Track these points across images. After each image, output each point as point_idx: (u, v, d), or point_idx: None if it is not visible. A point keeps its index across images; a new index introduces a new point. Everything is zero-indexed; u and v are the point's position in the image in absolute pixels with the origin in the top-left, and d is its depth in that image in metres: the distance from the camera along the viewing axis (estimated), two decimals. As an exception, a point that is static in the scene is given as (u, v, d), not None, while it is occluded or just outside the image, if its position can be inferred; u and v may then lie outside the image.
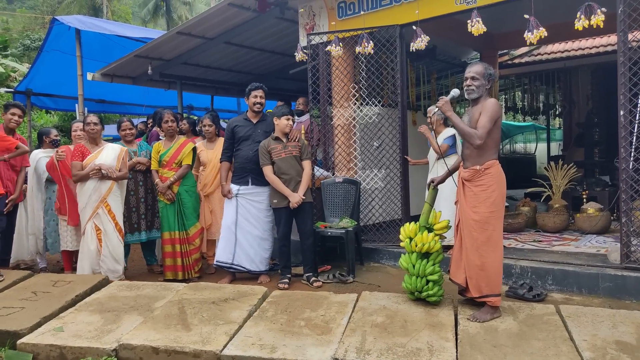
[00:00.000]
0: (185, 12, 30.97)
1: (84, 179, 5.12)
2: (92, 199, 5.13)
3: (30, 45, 21.17)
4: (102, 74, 8.70)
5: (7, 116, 5.63)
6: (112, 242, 5.15)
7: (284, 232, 5.11)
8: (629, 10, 4.23)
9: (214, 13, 6.89)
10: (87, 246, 5.13)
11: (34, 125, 13.95)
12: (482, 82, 3.74)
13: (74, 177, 5.18)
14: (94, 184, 5.14)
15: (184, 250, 5.40)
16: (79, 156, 5.19)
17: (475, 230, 3.74)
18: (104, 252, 5.12)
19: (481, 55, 9.08)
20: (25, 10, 32.32)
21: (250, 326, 3.67)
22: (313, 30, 6.41)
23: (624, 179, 4.30)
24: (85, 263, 5.14)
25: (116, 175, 5.18)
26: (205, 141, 5.99)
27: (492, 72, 3.78)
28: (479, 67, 3.78)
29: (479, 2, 5.05)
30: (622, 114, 4.28)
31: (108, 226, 5.15)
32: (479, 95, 3.77)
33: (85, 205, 5.13)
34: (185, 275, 5.40)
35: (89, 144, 5.32)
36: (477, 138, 3.63)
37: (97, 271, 5.11)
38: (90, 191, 5.13)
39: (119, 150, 5.32)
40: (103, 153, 5.24)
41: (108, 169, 5.13)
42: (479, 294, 3.76)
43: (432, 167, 5.62)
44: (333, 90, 6.27)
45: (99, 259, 5.12)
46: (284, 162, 5.03)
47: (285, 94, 9.82)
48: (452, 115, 3.74)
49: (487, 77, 3.75)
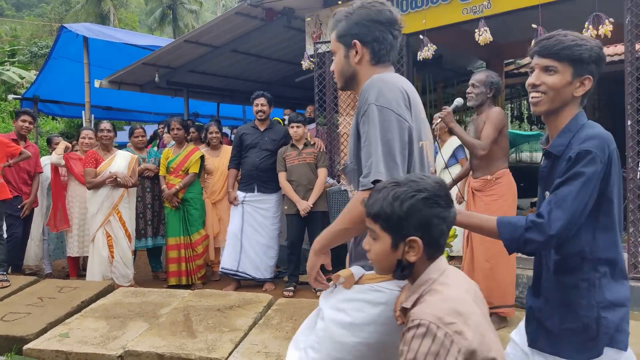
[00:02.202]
0: (192, 21, 31.19)
1: (99, 186, 5.13)
2: (104, 205, 5.15)
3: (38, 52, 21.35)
4: (109, 81, 8.74)
5: (18, 123, 5.71)
6: (122, 248, 5.17)
7: (293, 240, 5.10)
8: (637, 21, 4.23)
9: (221, 22, 6.92)
10: (98, 253, 5.14)
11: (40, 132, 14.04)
12: (482, 89, 3.73)
13: (88, 184, 5.19)
14: (107, 191, 5.15)
15: (187, 255, 5.41)
16: (93, 163, 5.22)
17: (487, 240, 3.72)
18: (115, 259, 5.14)
19: (487, 64, 9.09)
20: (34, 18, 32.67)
21: (256, 334, 3.66)
22: (320, 38, 6.43)
23: (631, 189, 4.28)
24: (96, 269, 5.14)
25: (131, 183, 5.23)
26: (208, 149, 5.98)
27: (495, 81, 3.76)
28: (480, 75, 3.78)
29: (486, 11, 5.06)
30: (629, 124, 4.26)
31: (119, 232, 5.17)
32: (478, 102, 3.76)
33: (97, 212, 5.14)
34: (188, 280, 5.40)
35: (101, 150, 5.36)
36: (480, 149, 3.62)
37: (108, 277, 5.12)
38: (102, 198, 5.14)
39: (129, 158, 5.35)
40: (116, 160, 5.27)
41: (123, 177, 5.15)
42: (490, 305, 3.73)
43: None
44: (339, 98, 6.28)
45: (110, 265, 5.13)
46: (296, 168, 5.04)
47: (291, 102, 9.85)
48: (455, 126, 3.73)
49: (489, 85, 3.73)
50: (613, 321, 1.60)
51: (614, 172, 1.60)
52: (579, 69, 1.64)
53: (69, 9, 29.47)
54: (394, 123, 1.62)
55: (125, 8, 30.92)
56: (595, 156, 1.55)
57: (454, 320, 1.22)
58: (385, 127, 1.61)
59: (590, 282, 1.61)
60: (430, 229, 1.35)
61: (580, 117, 1.69)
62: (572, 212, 1.53)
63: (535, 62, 1.70)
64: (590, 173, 1.54)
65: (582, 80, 1.65)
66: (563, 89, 1.65)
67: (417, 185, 1.36)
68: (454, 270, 1.46)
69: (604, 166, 1.57)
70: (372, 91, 1.66)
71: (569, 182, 1.56)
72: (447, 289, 1.34)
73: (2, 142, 5.31)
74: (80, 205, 5.63)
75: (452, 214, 1.40)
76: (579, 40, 1.65)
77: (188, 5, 32.14)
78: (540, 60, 1.68)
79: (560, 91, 1.65)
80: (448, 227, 1.39)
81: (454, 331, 1.20)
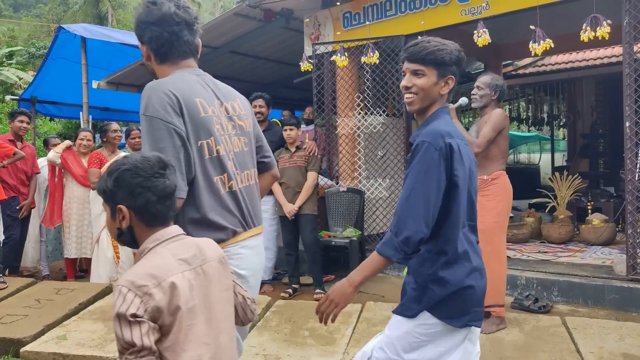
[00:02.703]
0: (190, 21, 31.11)
1: None
2: None
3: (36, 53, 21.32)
4: (107, 82, 8.72)
5: (16, 124, 5.71)
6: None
7: (287, 241, 5.12)
8: (635, 22, 4.23)
9: (219, 23, 6.92)
10: (103, 254, 5.12)
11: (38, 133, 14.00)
12: (486, 91, 3.76)
13: (92, 185, 5.18)
14: None
15: None
16: (97, 163, 5.22)
17: (481, 240, 3.70)
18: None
19: (485, 66, 9.10)
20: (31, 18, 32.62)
21: (254, 336, 3.65)
22: (318, 40, 6.43)
23: (629, 190, 4.28)
24: (102, 270, 5.13)
25: None
26: None
27: (500, 84, 3.79)
28: (485, 77, 3.81)
29: (484, 13, 5.07)
30: (627, 125, 4.27)
31: None
32: (482, 104, 3.79)
33: (101, 212, 5.13)
34: None
35: (106, 151, 5.37)
36: (475, 146, 3.64)
37: (115, 278, 5.10)
38: None
39: None
40: None
41: None
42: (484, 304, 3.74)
43: None
44: (338, 99, 6.28)
45: (116, 266, 5.12)
46: (285, 171, 5.04)
47: (290, 103, 9.85)
48: (456, 122, 3.75)
49: (493, 87, 3.76)
50: (438, 294, 1.80)
51: (456, 160, 1.77)
52: (442, 70, 1.87)
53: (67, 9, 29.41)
54: (163, 131, 1.75)
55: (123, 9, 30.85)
56: (429, 145, 1.75)
57: (145, 283, 1.40)
58: (156, 136, 1.75)
59: (431, 259, 1.83)
60: (136, 198, 1.49)
61: (439, 112, 1.91)
62: (416, 209, 1.74)
63: (406, 66, 1.91)
64: (427, 160, 1.75)
65: (446, 80, 1.89)
66: (431, 89, 1.87)
67: (125, 160, 1.53)
68: (184, 240, 1.57)
69: (443, 153, 1.75)
70: (143, 101, 1.80)
71: (411, 175, 1.78)
72: (155, 257, 1.49)
73: None
74: (78, 205, 5.60)
75: (160, 184, 1.51)
76: (440, 46, 1.87)
77: (186, 6, 32.07)
78: (410, 65, 1.89)
79: (428, 91, 1.88)
80: (157, 196, 1.51)
81: (144, 293, 1.38)
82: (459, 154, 1.78)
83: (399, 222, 1.76)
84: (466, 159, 1.82)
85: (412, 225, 1.72)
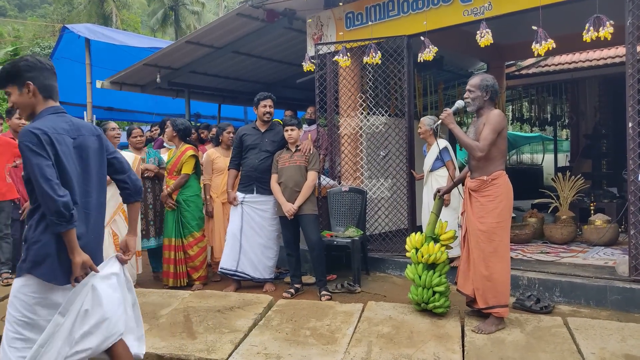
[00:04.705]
0: (194, 22, 31.24)
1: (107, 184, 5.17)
2: (109, 205, 5.13)
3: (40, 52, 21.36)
4: (111, 82, 8.77)
5: (14, 121, 5.66)
6: None
7: (288, 241, 5.12)
8: (638, 23, 4.23)
9: (222, 23, 6.94)
10: (105, 252, 5.13)
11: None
12: (477, 93, 3.73)
13: None
14: (112, 190, 5.15)
15: (177, 257, 5.41)
16: None
17: (483, 241, 3.72)
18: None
19: (488, 66, 9.09)
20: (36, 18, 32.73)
21: (256, 335, 3.66)
22: (321, 40, 6.44)
23: (632, 190, 4.28)
24: None
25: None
26: (219, 148, 5.96)
27: (490, 83, 3.74)
28: (474, 80, 3.78)
29: (487, 13, 5.07)
30: (630, 126, 4.26)
31: (125, 231, 5.17)
32: (476, 107, 3.76)
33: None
34: (176, 283, 5.39)
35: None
36: (478, 150, 3.63)
37: None
38: (108, 197, 5.14)
39: (133, 159, 5.37)
40: None
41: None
42: (485, 305, 3.74)
43: (426, 180, 5.53)
44: (340, 99, 6.29)
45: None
46: (285, 171, 5.04)
47: (292, 103, 9.86)
48: (455, 127, 3.74)
49: (484, 88, 3.72)
50: (33, 254, 2.41)
51: (61, 151, 2.47)
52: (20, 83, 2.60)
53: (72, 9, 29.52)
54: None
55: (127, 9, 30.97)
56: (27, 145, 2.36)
57: None
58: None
59: (32, 226, 2.43)
60: None
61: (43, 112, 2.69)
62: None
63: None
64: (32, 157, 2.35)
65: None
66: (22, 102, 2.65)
67: None
68: None
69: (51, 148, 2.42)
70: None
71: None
72: None
73: (9, 142, 5.31)
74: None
75: None
76: None
77: (190, 7, 32.19)
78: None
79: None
80: None
81: None
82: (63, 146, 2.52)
83: None
84: None
85: None
